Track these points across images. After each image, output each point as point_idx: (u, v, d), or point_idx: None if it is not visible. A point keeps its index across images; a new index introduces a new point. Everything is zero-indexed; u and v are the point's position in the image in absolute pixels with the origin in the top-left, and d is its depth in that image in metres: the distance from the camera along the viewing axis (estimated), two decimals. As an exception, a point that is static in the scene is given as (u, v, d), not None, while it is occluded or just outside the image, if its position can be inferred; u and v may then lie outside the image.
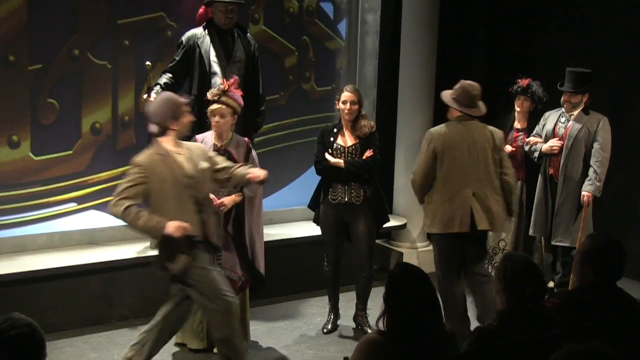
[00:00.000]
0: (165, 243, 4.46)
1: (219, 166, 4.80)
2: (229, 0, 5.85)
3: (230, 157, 5.11)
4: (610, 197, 6.34)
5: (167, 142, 4.59)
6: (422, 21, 7.11)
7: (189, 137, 5.51)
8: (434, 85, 7.18)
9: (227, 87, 5.09)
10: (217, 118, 5.06)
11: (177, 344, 5.34)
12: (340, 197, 5.57)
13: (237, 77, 5.29)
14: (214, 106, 5.07)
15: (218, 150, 5.12)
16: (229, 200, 5.12)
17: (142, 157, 4.53)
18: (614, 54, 7.34)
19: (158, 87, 5.79)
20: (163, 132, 4.60)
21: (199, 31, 5.94)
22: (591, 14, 7.59)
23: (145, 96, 5.67)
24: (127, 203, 4.37)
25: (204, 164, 4.66)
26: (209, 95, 5.15)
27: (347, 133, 5.59)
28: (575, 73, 6.21)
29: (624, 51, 7.29)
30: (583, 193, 6.15)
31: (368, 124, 5.57)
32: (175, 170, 4.51)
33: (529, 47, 8.23)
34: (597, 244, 3.63)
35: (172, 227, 4.36)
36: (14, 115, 5.78)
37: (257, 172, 4.87)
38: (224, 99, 5.05)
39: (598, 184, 6.13)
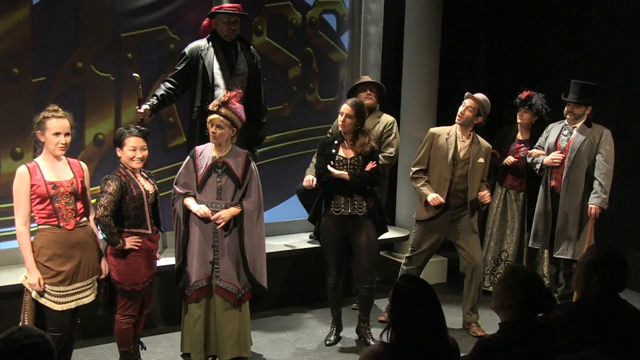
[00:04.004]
0: None
1: None
2: (231, 12, 5.88)
3: (228, 169, 5.12)
4: (612, 209, 6.33)
5: None
6: (424, 33, 7.14)
7: (189, 149, 5.53)
8: (437, 97, 7.20)
9: (227, 99, 5.09)
10: (213, 128, 5.07)
11: (183, 354, 5.37)
12: (343, 209, 5.57)
13: (240, 91, 5.29)
14: (212, 116, 5.07)
15: (216, 161, 5.14)
16: (226, 213, 5.12)
17: None
18: (617, 68, 7.34)
19: (154, 98, 5.81)
20: None
21: (202, 43, 5.97)
22: (595, 27, 7.61)
23: (137, 108, 5.68)
24: None
25: None
26: (210, 105, 5.16)
27: (348, 145, 5.59)
28: (580, 84, 6.22)
29: (627, 65, 7.30)
30: (590, 206, 6.14)
31: (368, 144, 5.53)
32: None
33: (531, 61, 8.25)
34: (602, 254, 3.64)
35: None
36: (18, 127, 5.78)
37: None
38: (223, 110, 5.04)
39: (604, 196, 6.13)
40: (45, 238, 4.56)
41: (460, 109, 5.97)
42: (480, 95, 5.96)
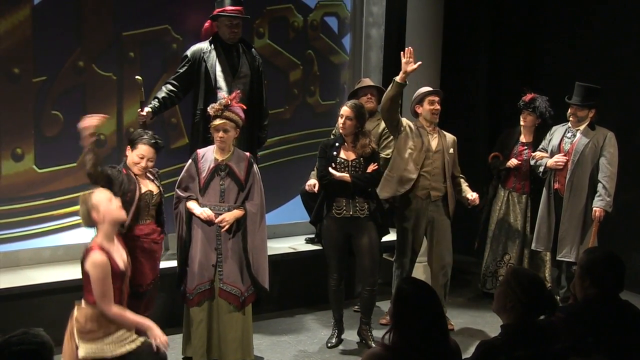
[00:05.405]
0: None
1: None
2: (234, 15, 5.87)
3: (231, 172, 5.11)
4: (615, 212, 6.31)
5: None
6: (426, 35, 7.13)
7: (192, 152, 5.52)
8: (439, 99, 7.18)
9: (228, 102, 5.08)
10: (221, 133, 5.06)
11: (185, 358, 5.34)
12: (345, 211, 5.55)
13: (239, 91, 5.30)
14: (217, 122, 5.05)
15: (219, 164, 5.12)
16: (230, 216, 5.11)
17: None
18: (621, 70, 7.33)
19: (156, 101, 5.79)
20: None
21: (204, 46, 5.96)
22: (598, 29, 7.59)
23: (139, 110, 5.67)
24: None
25: None
26: (210, 110, 5.13)
27: (349, 147, 5.58)
28: (584, 87, 6.20)
29: (631, 67, 7.28)
30: (594, 209, 6.13)
31: (369, 145, 5.53)
32: None
33: (534, 63, 8.23)
34: (594, 257, 3.65)
35: None
36: (18, 128, 5.78)
37: None
38: (226, 113, 5.04)
39: (608, 199, 6.11)
40: None
41: (436, 107, 6.01)
42: (428, 88, 6.07)
